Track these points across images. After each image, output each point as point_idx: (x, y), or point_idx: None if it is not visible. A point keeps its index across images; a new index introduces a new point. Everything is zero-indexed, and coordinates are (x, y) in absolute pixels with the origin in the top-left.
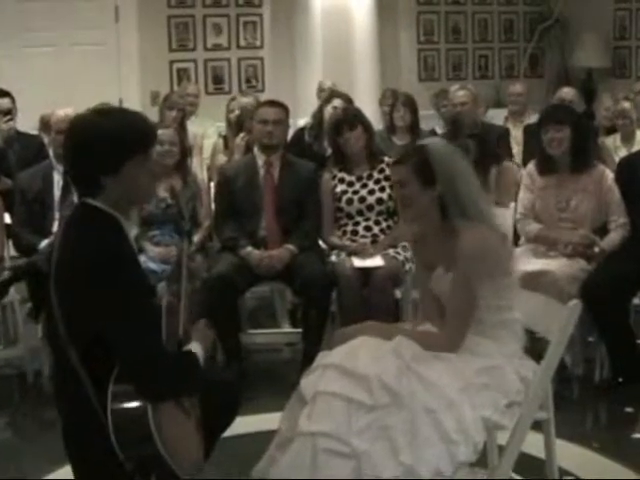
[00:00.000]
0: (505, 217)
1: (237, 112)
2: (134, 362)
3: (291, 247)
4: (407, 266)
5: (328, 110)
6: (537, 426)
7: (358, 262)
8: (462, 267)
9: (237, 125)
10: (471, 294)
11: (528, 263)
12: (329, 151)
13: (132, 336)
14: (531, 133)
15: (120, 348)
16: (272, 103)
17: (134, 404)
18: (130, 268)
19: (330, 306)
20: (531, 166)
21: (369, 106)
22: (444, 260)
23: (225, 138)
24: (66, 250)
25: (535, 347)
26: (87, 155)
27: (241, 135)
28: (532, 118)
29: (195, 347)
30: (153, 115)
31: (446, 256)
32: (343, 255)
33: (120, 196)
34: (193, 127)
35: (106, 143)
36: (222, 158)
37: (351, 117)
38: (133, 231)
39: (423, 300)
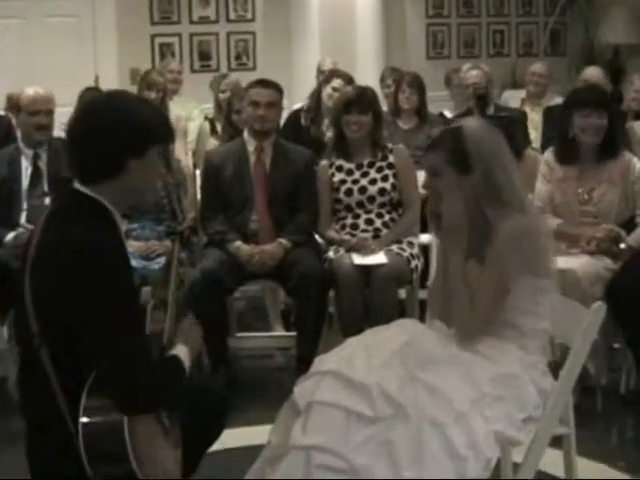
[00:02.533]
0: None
1: (228, 93)
2: (114, 368)
3: (284, 242)
4: (413, 263)
5: (327, 91)
6: (556, 442)
7: (358, 259)
8: (499, 255)
9: (228, 107)
10: (504, 285)
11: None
12: (328, 136)
13: (115, 340)
14: (552, 117)
15: (100, 352)
16: (264, 83)
17: (109, 417)
18: (121, 267)
19: (327, 307)
20: (549, 154)
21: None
22: (476, 252)
23: (212, 121)
24: (50, 240)
25: (554, 355)
26: (119, 130)
27: None
28: (552, 100)
29: (180, 351)
30: None
31: (478, 247)
32: (342, 251)
33: (132, 185)
34: (176, 108)
35: (140, 121)
36: (212, 143)
37: (365, 100)
38: (123, 227)
39: (435, 294)
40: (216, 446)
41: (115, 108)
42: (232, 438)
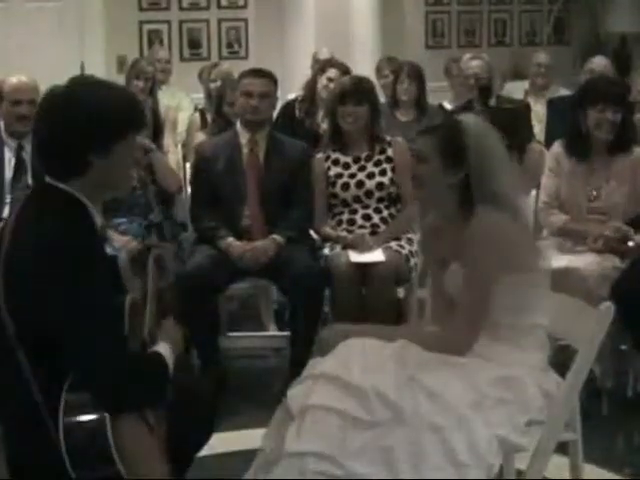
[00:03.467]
0: (525, 206)
1: (219, 83)
2: (92, 365)
3: (278, 238)
4: (412, 261)
5: (322, 81)
6: (562, 448)
7: (355, 256)
8: (472, 254)
9: (218, 98)
10: (485, 286)
11: (552, 259)
12: (323, 128)
13: (91, 336)
14: (556, 109)
15: (77, 348)
16: (258, 72)
17: (90, 416)
18: (97, 263)
19: (322, 306)
20: (557, 147)
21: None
22: (460, 254)
23: (203, 112)
24: (22, 236)
25: (560, 357)
26: (80, 128)
27: None
28: (556, 91)
29: (162, 348)
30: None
31: (462, 249)
32: (338, 248)
33: (101, 180)
34: (164, 98)
35: (103, 116)
36: (199, 137)
37: (361, 91)
38: (99, 222)
39: (433, 302)
40: (206, 451)
41: (74, 102)
42: (223, 442)
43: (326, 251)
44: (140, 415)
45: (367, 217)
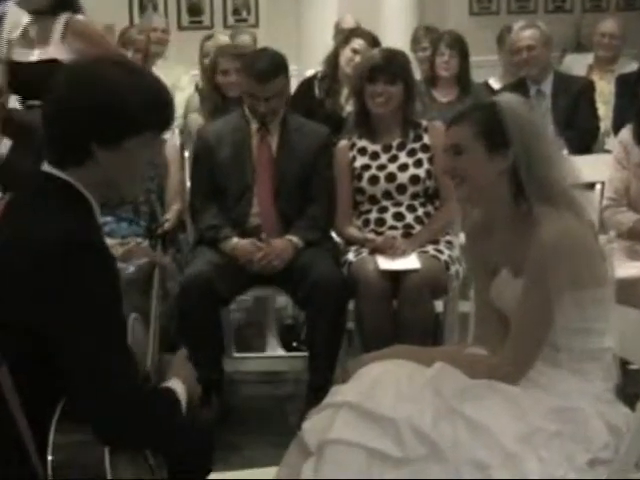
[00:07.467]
0: (588, 202)
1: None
2: (98, 390)
3: (294, 239)
4: (452, 269)
5: (346, 54)
6: None
7: (385, 263)
8: (540, 266)
9: (212, 67)
10: (548, 304)
11: (619, 267)
12: (347, 110)
13: (99, 356)
14: (626, 87)
15: (81, 372)
16: (261, 77)
17: (88, 454)
18: (108, 264)
19: (346, 323)
20: (625, 133)
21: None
22: (513, 260)
23: (202, 92)
24: (13, 233)
25: (628, 383)
26: (89, 109)
27: None
28: (626, 66)
29: (176, 385)
30: None
31: (516, 254)
32: (364, 253)
33: (102, 177)
34: (160, 74)
35: (119, 104)
36: (193, 119)
37: (394, 67)
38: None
39: (479, 316)
40: None
41: (93, 79)
42: None
43: (350, 256)
44: (142, 455)
45: (399, 216)
